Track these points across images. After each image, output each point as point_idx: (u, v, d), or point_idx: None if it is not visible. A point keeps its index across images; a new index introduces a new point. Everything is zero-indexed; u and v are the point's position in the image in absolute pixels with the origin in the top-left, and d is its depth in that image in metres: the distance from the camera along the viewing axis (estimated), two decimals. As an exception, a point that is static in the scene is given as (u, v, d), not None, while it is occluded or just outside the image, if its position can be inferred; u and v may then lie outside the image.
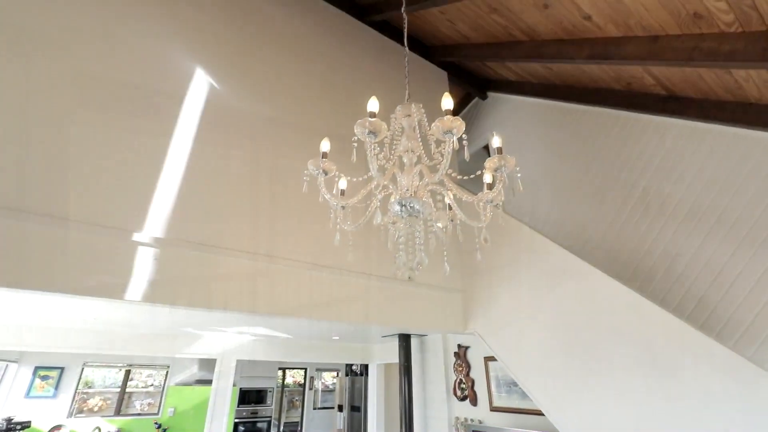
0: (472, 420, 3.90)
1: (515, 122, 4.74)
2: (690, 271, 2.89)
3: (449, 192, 1.61)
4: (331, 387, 7.93)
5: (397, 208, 1.46)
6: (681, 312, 2.81)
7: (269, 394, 6.51)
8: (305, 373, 7.61)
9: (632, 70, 3.15)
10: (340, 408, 6.19)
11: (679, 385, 2.00)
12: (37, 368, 5.72)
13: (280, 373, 7.23)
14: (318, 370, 7.77)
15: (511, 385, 3.70)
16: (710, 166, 2.95)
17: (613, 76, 3.42)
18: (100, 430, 5.50)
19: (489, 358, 3.92)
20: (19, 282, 1.77)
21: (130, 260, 2.04)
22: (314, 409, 7.40)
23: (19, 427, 5.19)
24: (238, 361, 4.97)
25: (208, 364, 6.49)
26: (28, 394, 5.57)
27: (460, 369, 4.23)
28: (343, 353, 5.57)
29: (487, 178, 1.67)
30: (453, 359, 4.35)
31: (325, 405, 7.57)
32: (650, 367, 2.12)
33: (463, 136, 1.29)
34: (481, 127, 5.19)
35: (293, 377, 8.39)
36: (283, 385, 7.63)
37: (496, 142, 1.50)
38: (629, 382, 2.18)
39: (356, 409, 5.77)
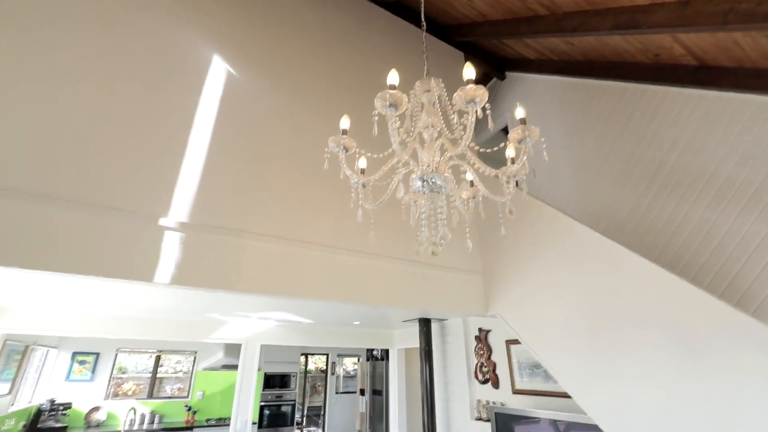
0: (494, 402, 3.91)
1: (535, 102, 4.62)
2: (722, 250, 2.77)
3: (471, 167, 1.59)
4: (352, 373, 8.07)
5: (419, 183, 1.45)
6: (713, 291, 2.72)
7: (293, 378, 6.68)
8: (327, 359, 7.76)
9: (660, 39, 3.00)
10: (362, 392, 6.30)
11: (713, 364, 1.94)
12: (74, 353, 6.02)
13: (302, 359, 7.39)
14: (339, 355, 7.91)
15: (534, 368, 3.67)
16: (746, 139, 2.80)
17: (639, 48, 3.27)
18: (135, 411, 5.78)
19: (511, 342, 3.89)
20: (55, 265, 1.85)
21: (157, 244, 2.10)
22: (337, 393, 7.56)
23: (61, 408, 5.50)
24: (262, 346, 5.10)
25: (233, 349, 6.69)
26: (67, 378, 5.89)
27: (482, 353, 4.22)
28: (364, 338, 5.64)
29: (510, 152, 1.64)
30: (474, 343, 4.35)
31: (347, 390, 7.72)
32: (681, 346, 2.06)
33: (486, 105, 1.25)
34: (499, 108, 5.07)
35: (315, 363, 8.57)
36: (306, 371, 7.81)
37: (519, 113, 1.46)
38: (659, 362, 2.12)
39: (378, 393, 5.86)
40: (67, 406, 5.60)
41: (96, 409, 5.89)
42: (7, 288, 2.88)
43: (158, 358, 6.75)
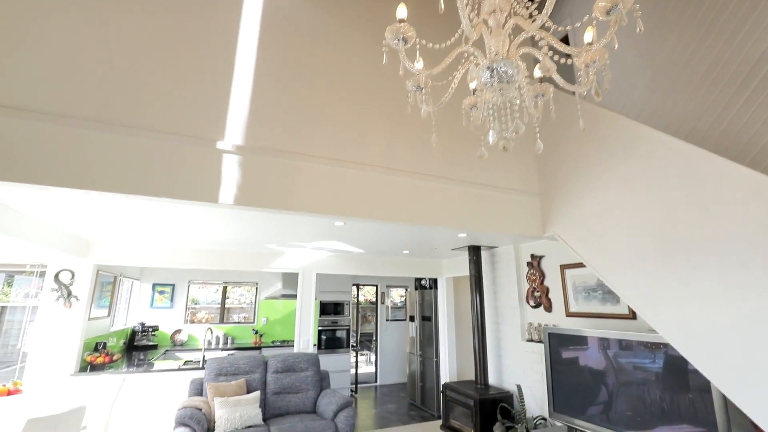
0: (546, 324, 3.94)
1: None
2: (833, 154, 2.40)
3: (545, 54, 1.41)
4: (399, 304, 8.48)
5: (487, 74, 1.31)
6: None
7: (346, 307, 7.14)
8: (376, 289, 8.16)
9: None
10: (412, 318, 6.62)
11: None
12: (154, 285, 6.78)
13: (353, 289, 7.81)
14: (388, 286, 8.28)
15: (590, 291, 3.60)
16: None
17: None
18: (212, 331, 6.54)
19: (566, 266, 3.81)
20: (127, 188, 1.96)
21: (217, 167, 2.16)
22: (387, 321, 8.06)
23: (150, 329, 6.34)
24: (318, 275, 5.40)
25: (290, 280, 7.19)
26: (151, 305, 6.70)
27: (534, 278, 4.19)
28: (413, 268, 5.79)
29: (589, 36, 1.43)
30: (525, 269, 4.31)
31: (396, 318, 8.19)
32: (774, 256, 1.87)
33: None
34: (557, 15, 4.49)
35: (365, 296, 9.07)
36: (357, 303, 8.30)
37: (608, -21, 1.24)
38: (745, 276, 1.96)
39: (427, 319, 6.13)
40: (155, 328, 6.44)
41: (178, 331, 6.72)
42: (95, 224, 3.17)
43: (225, 290, 7.43)
